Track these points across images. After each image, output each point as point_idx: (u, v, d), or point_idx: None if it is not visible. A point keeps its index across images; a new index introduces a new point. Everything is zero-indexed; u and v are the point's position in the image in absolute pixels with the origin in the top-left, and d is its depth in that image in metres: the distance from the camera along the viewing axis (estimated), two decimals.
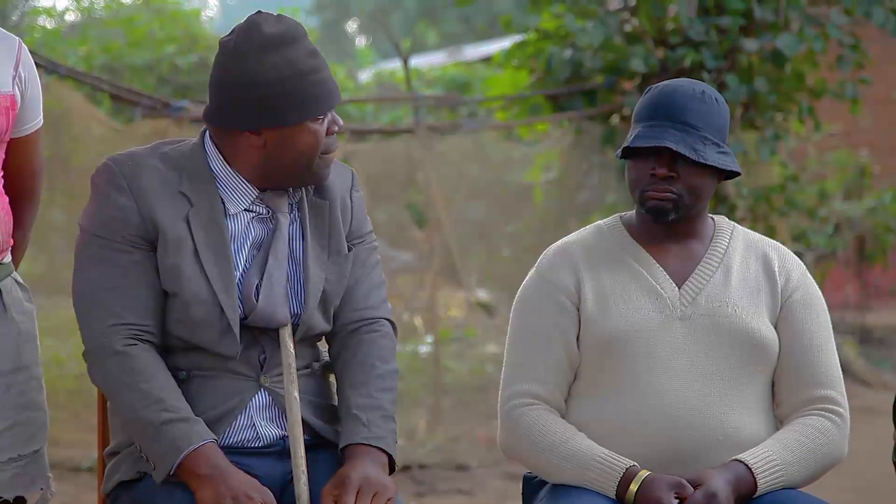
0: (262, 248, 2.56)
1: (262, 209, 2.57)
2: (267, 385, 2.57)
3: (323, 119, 2.53)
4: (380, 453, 2.53)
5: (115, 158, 2.55)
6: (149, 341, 2.51)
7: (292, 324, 2.57)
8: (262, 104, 2.47)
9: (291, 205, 2.60)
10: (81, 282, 2.54)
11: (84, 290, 2.53)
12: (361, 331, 2.66)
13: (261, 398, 2.57)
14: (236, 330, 2.51)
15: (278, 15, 2.52)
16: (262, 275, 2.54)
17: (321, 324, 2.62)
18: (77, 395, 5.97)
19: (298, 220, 2.61)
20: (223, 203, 2.55)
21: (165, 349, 2.55)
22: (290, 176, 2.55)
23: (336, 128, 2.55)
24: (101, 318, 2.50)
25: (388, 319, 2.71)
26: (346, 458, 2.53)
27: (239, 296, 2.52)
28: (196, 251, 2.50)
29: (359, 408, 2.56)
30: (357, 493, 2.44)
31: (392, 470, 2.56)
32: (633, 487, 2.54)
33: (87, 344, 2.53)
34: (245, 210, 2.56)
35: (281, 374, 2.55)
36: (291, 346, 2.54)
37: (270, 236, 2.56)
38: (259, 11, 2.53)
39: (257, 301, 2.52)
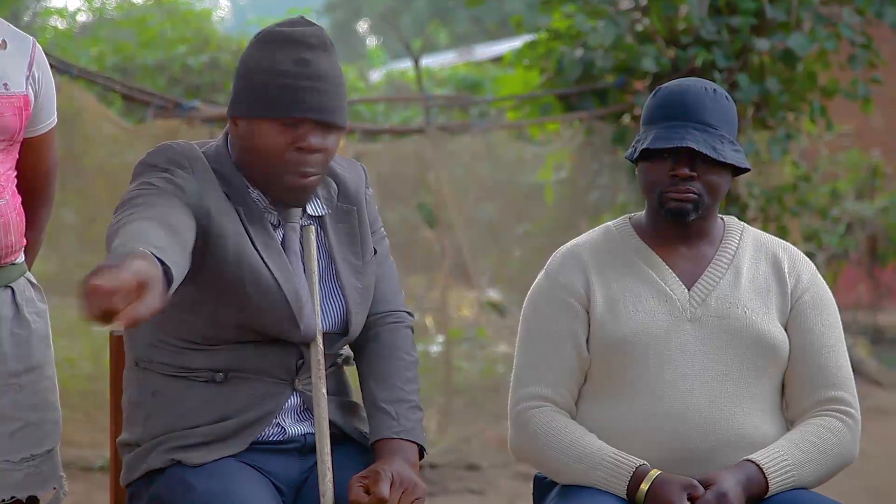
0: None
1: (273, 219, 2.54)
2: (300, 388, 2.57)
3: (291, 128, 2.44)
4: (411, 446, 2.55)
5: (175, 142, 2.52)
6: None
7: (338, 333, 2.58)
8: (237, 91, 2.49)
9: (311, 217, 2.58)
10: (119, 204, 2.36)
11: (117, 207, 2.35)
12: (380, 323, 2.68)
13: (293, 400, 2.58)
14: (300, 318, 2.47)
15: (311, 22, 2.50)
16: None
17: (363, 323, 2.63)
18: (89, 396, 5.97)
19: (322, 232, 2.59)
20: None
21: (206, 347, 2.51)
22: (263, 179, 2.49)
23: (304, 144, 2.44)
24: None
25: (404, 311, 2.72)
26: (379, 453, 2.54)
27: None
28: (253, 243, 2.47)
29: (386, 401, 2.58)
30: (390, 485, 2.43)
31: (422, 457, 2.59)
32: (644, 487, 2.54)
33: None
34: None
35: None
36: (321, 344, 2.53)
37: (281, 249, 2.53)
38: (302, 17, 2.52)
39: None
